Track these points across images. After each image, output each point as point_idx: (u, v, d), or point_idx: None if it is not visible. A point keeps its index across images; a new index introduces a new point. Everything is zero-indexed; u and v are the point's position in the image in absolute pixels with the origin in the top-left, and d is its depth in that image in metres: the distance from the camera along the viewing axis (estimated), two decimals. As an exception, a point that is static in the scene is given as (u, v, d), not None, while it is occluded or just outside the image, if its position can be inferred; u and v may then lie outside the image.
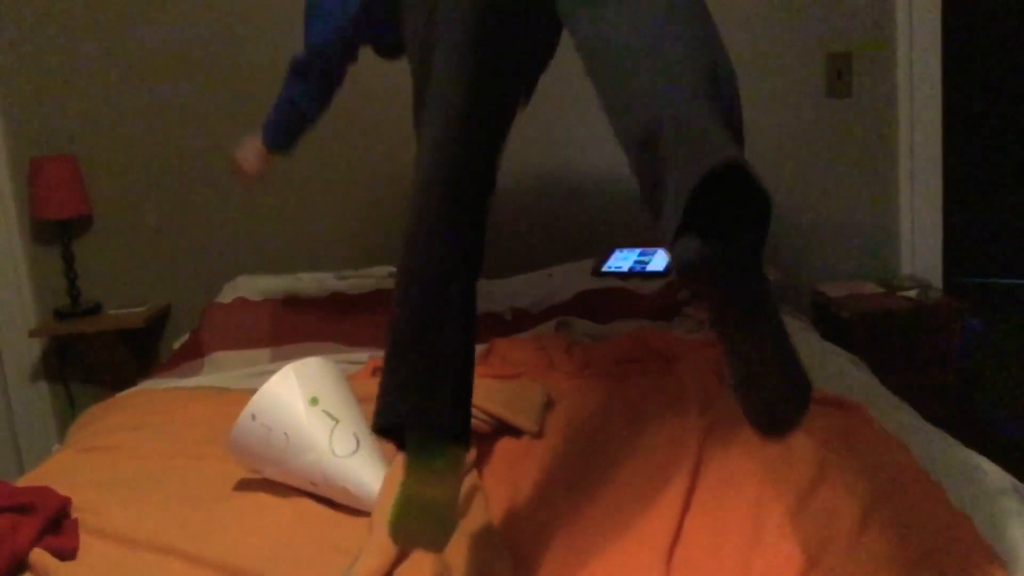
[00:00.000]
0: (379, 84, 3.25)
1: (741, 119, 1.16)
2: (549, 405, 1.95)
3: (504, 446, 1.83)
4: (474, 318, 1.38)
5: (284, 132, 2.42)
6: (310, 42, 2.24)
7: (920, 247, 3.34)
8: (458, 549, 1.39)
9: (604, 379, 2.13)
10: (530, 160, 3.29)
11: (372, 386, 2.25)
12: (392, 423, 1.30)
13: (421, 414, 1.28)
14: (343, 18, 2.14)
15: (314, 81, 2.32)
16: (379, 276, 3.08)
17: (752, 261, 1.03)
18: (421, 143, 1.37)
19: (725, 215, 1.00)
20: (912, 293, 3.10)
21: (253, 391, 1.69)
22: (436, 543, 1.26)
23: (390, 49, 2.17)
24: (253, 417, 1.64)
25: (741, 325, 1.06)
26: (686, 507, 1.48)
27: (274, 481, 1.68)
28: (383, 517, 1.33)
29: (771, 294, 1.07)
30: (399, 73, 3.24)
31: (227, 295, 3.02)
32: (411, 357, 1.30)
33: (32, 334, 3.23)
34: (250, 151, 2.48)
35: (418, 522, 1.24)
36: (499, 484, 1.67)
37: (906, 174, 3.31)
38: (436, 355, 1.30)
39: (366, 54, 2.29)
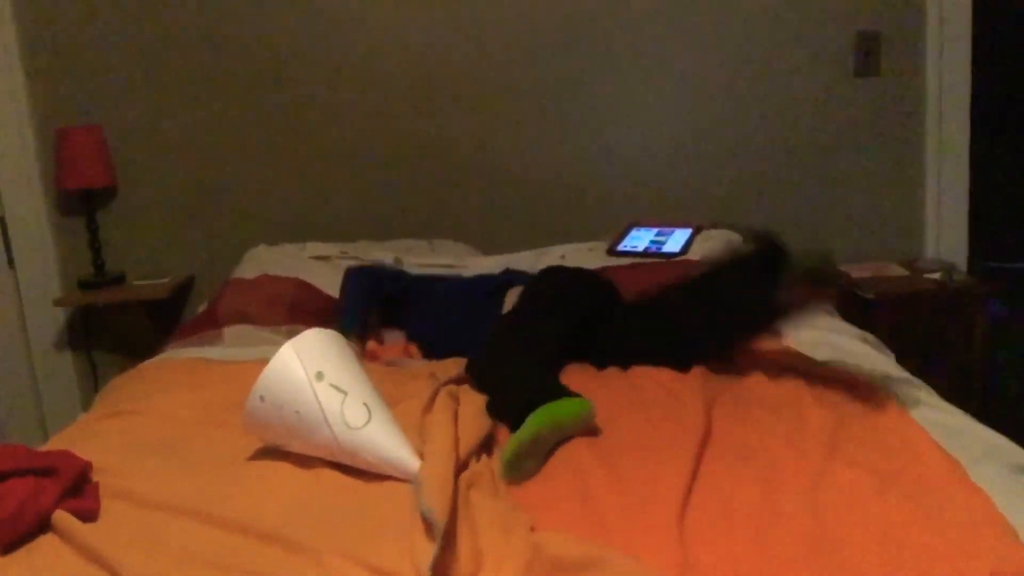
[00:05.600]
0: (395, 59, 3.25)
1: None
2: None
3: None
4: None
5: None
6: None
7: (945, 229, 3.32)
8: (480, 504, 1.42)
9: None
10: (548, 139, 3.28)
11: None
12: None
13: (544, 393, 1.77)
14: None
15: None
16: (397, 250, 3.08)
17: None
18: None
19: None
20: (936, 275, 3.08)
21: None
22: (535, 472, 1.60)
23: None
24: (262, 399, 1.64)
25: None
26: (695, 474, 1.49)
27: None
28: (438, 441, 1.57)
29: None
30: (413, 52, 3.25)
31: (246, 265, 3.03)
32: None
33: (56, 303, 3.26)
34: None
35: (530, 459, 1.60)
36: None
37: (933, 155, 3.27)
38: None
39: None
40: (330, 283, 2.82)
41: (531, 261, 2.93)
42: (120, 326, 3.34)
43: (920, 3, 3.20)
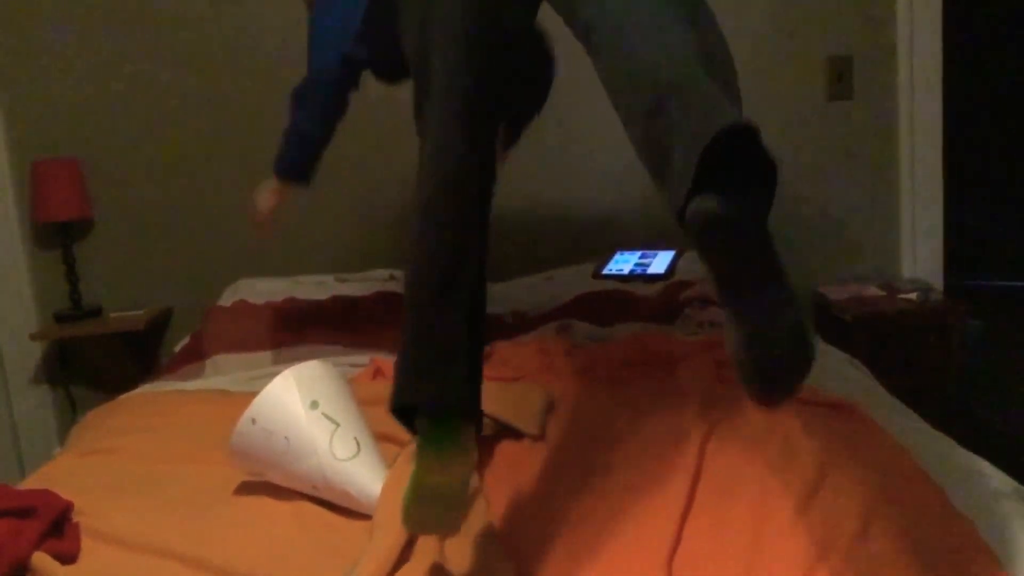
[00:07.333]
0: (378, 87, 3.25)
1: (739, 94, 1.18)
2: (550, 408, 1.95)
3: (506, 449, 1.82)
4: (483, 306, 1.50)
5: (292, 160, 2.38)
6: (313, 67, 2.23)
7: (921, 249, 3.35)
8: (459, 552, 1.39)
9: (605, 382, 2.12)
10: (532, 164, 3.29)
11: (374, 388, 2.25)
12: (406, 405, 1.32)
13: (434, 397, 1.31)
14: (345, 38, 2.14)
15: (317, 108, 2.30)
16: (379, 279, 3.07)
17: (763, 219, 1.09)
18: (425, 140, 1.39)
19: (732, 177, 1.03)
20: (913, 295, 3.10)
21: (255, 394, 1.70)
22: (448, 527, 1.32)
23: (390, 71, 2.20)
24: (253, 421, 1.64)
25: (752, 287, 1.08)
26: (687, 510, 1.48)
27: (276, 484, 1.68)
28: (384, 519, 1.42)
29: (780, 257, 1.11)
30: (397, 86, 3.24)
31: (228, 298, 3.02)
32: (424, 344, 1.32)
33: (33, 337, 3.23)
34: (264, 190, 2.49)
35: (430, 508, 1.28)
36: (500, 486, 1.67)
37: (907, 176, 3.31)
38: (448, 341, 1.33)
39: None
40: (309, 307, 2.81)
41: (520, 292, 2.93)
42: (98, 359, 3.32)
43: (891, 26, 3.25)
